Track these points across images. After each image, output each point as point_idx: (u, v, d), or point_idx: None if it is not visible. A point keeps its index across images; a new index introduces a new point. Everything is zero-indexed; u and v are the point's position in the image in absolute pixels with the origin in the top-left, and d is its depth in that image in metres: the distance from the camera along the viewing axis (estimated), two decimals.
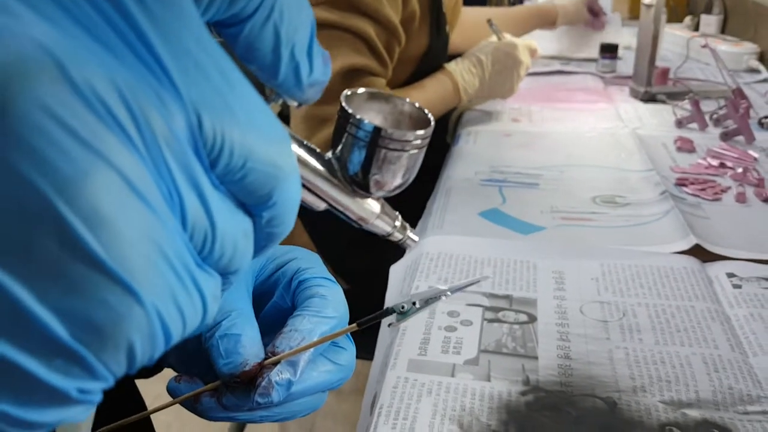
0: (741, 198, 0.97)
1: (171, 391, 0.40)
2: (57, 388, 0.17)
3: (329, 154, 0.31)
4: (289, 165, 0.21)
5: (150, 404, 0.53)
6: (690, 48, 1.73)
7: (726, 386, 0.60)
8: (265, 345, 0.39)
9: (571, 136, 1.27)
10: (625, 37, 2.02)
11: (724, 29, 1.99)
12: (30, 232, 0.16)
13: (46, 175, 0.15)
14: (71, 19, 0.16)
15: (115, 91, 0.16)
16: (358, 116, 0.30)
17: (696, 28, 2.04)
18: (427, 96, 1.28)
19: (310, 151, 0.30)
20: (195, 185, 0.18)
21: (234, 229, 0.20)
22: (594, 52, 1.78)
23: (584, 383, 0.60)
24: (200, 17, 0.19)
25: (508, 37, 1.36)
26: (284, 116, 1.34)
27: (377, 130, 0.30)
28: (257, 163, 0.20)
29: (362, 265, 1.26)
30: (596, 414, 0.57)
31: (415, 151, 0.31)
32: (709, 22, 1.98)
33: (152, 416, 0.54)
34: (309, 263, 0.42)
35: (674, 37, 1.89)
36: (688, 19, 2.11)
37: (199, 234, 0.19)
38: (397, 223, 0.35)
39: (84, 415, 0.18)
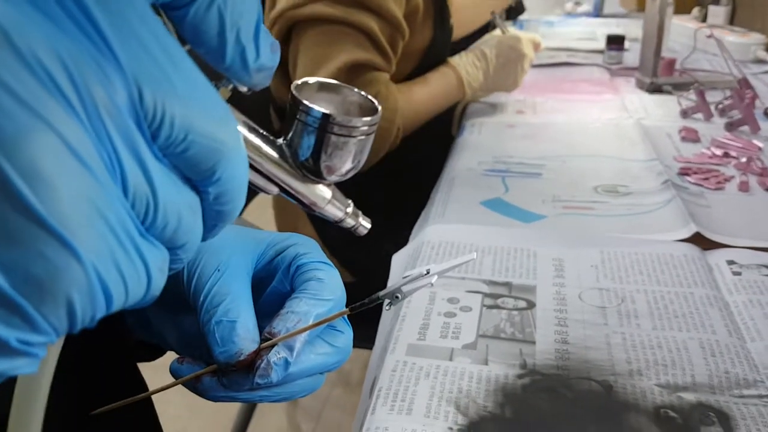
0: (744, 187, 0.98)
1: (173, 372, 0.40)
2: None
3: (281, 141, 0.32)
4: (232, 141, 0.21)
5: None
6: (697, 39, 1.72)
7: (722, 370, 0.60)
8: (265, 328, 0.39)
9: (575, 127, 1.27)
10: (633, 28, 2.02)
11: (732, 20, 1.98)
12: None
13: None
14: None
15: (58, 59, 0.17)
16: (307, 103, 0.31)
17: (704, 19, 2.03)
18: (431, 90, 1.28)
19: (261, 136, 0.31)
20: (136, 154, 0.19)
21: (178, 201, 0.21)
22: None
23: (581, 367, 0.61)
24: None
25: (511, 30, 1.37)
26: (238, 101, 1.36)
27: (326, 116, 0.31)
28: (198, 137, 0.20)
29: (367, 256, 1.27)
30: (592, 396, 0.57)
31: (363, 137, 0.32)
32: (717, 12, 1.98)
33: (160, 409, 0.55)
34: (307, 248, 0.43)
35: (682, 28, 1.89)
36: (696, 10, 2.11)
37: (140, 203, 0.20)
38: (349, 210, 0.36)
39: (29, 369, 0.19)
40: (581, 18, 2.40)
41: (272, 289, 0.43)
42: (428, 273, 0.38)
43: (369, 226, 0.38)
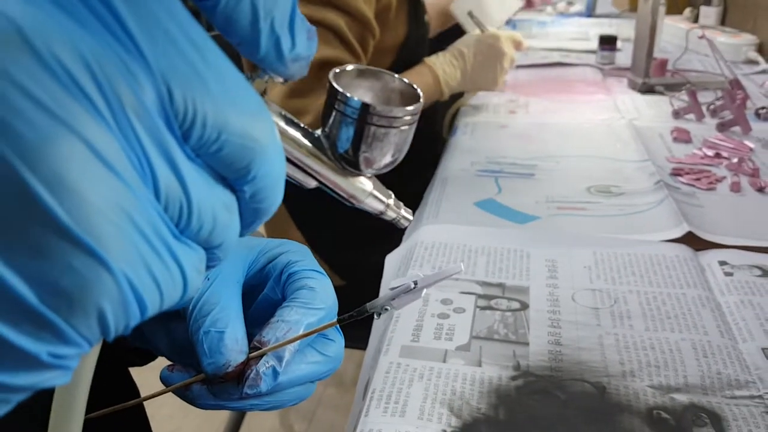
0: (735, 187, 0.98)
1: (164, 379, 0.40)
2: (27, 351, 0.17)
3: (318, 132, 0.31)
4: (267, 137, 0.21)
5: (144, 394, 0.54)
6: (689, 39, 1.73)
7: (714, 371, 0.61)
8: (256, 335, 0.39)
9: (568, 128, 1.28)
10: (625, 29, 2.03)
11: (723, 21, 1.99)
12: None
13: (8, 140, 0.16)
14: None
15: (80, 59, 0.17)
16: (346, 93, 0.29)
17: (696, 19, 2.04)
18: None
19: (299, 128, 0.30)
20: (167, 156, 0.18)
21: (212, 201, 0.20)
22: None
23: (574, 368, 0.61)
24: None
25: (490, 29, 1.37)
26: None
27: (365, 106, 0.29)
28: (232, 135, 0.20)
29: (356, 260, 1.26)
30: (585, 398, 0.57)
31: (405, 127, 0.30)
32: (709, 13, 1.98)
33: (154, 409, 0.55)
34: (299, 256, 0.42)
35: (674, 29, 1.90)
36: (687, 11, 2.11)
37: (173, 205, 0.19)
38: (390, 201, 0.35)
39: (62, 380, 0.18)
40: (574, 18, 2.40)
41: (264, 296, 0.42)
42: (416, 285, 0.37)
43: (411, 218, 0.37)
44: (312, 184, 0.31)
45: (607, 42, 1.72)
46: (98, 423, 0.39)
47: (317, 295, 0.40)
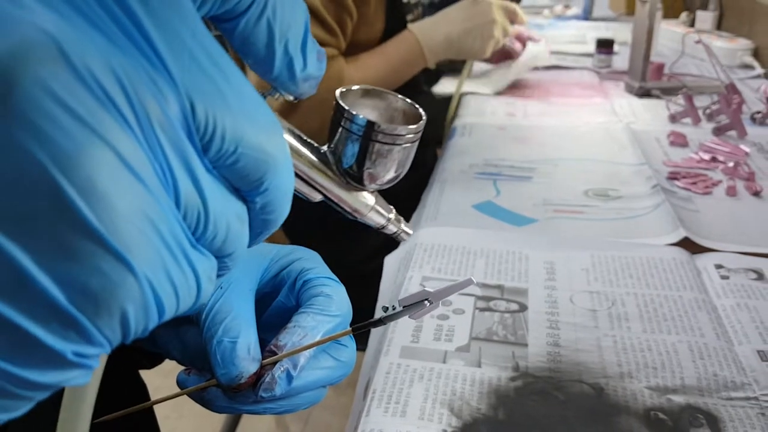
0: (731, 191, 0.99)
1: (180, 383, 0.41)
2: (54, 349, 0.18)
3: (325, 148, 0.32)
4: (280, 152, 0.22)
5: (152, 396, 0.54)
6: (685, 44, 1.74)
7: (711, 373, 0.61)
8: (270, 341, 0.40)
9: (566, 130, 1.28)
10: (622, 32, 2.04)
11: (719, 25, 2.00)
12: (30, 200, 0.17)
13: (46, 148, 0.17)
14: (73, 9, 0.18)
15: (113, 75, 0.18)
16: (352, 111, 0.31)
17: (692, 24, 2.05)
18: (389, 60, 1.26)
19: (306, 143, 0.31)
20: (188, 167, 0.20)
21: (227, 211, 0.21)
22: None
23: (572, 369, 0.62)
24: (196, 11, 0.20)
25: None
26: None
27: (370, 124, 0.30)
28: (248, 149, 0.21)
29: (339, 266, 1.26)
30: (583, 398, 0.58)
31: (408, 145, 0.32)
32: (705, 18, 1.99)
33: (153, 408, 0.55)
34: (312, 263, 0.43)
35: (670, 33, 1.91)
36: (684, 15, 2.13)
37: (192, 214, 0.20)
38: (391, 216, 0.36)
39: (83, 380, 0.19)
40: (571, 21, 2.41)
41: (277, 303, 0.43)
42: (430, 300, 0.38)
43: (411, 232, 0.38)
44: (317, 197, 0.33)
45: (604, 45, 1.73)
46: (109, 424, 0.39)
47: (333, 302, 0.41)
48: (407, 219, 1.04)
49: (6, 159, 0.16)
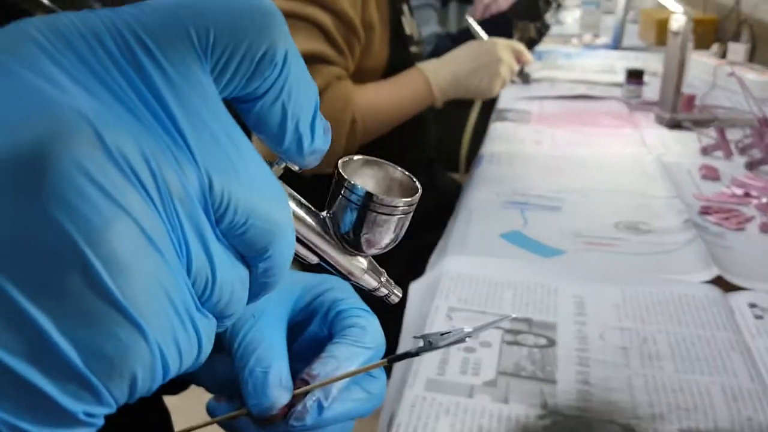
0: (765, 228, 0.97)
1: (210, 410, 0.41)
2: (68, 410, 0.19)
3: (324, 213, 0.33)
4: (285, 222, 0.23)
5: (174, 419, 0.54)
6: (717, 76, 1.73)
7: (745, 416, 0.60)
8: (302, 371, 0.40)
9: (595, 161, 1.27)
10: (651, 62, 2.02)
11: (751, 57, 1.98)
12: (57, 269, 0.18)
13: (76, 222, 0.18)
14: (107, 90, 0.19)
15: (140, 154, 0.19)
16: (352, 181, 0.32)
17: (723, 55, 2.04)
18: (397, 91, 1.29)
19: (307, 209, 0.33)
20: (201, 238, 0.21)
21: (232, 277, 0.23)
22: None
23: (603, 409, 0.60)
24: (218, 94, 0.22)
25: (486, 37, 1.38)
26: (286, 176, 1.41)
27: (368, 195, 0.32)
28: (257, 220, 0.22)
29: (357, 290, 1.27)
30: None
31: (402, 215, 0.33)
32: (737, 50, 1.98)
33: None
34: (345, 293, 0.43)
35: (701, 65, 1.89)
36: (715, 47, 2.11)
37: (201, 281, 0.21)
38: (383, 279, 0.37)
39: None
40: (600, 50, 2.40)
41: (309, 333, 0.43)
42: (470, 334, 0.38)
43: (400, 295, 0.39)
44: (314, 260, 0.34)
45: (634, 76, 1.72)
46: None
47: (367, 334, 0.40)
48: (426, 240, 1.04)
49: (37, 230, 0.18)
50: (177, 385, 0.49)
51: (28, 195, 0.18)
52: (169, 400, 0.57)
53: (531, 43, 2.09)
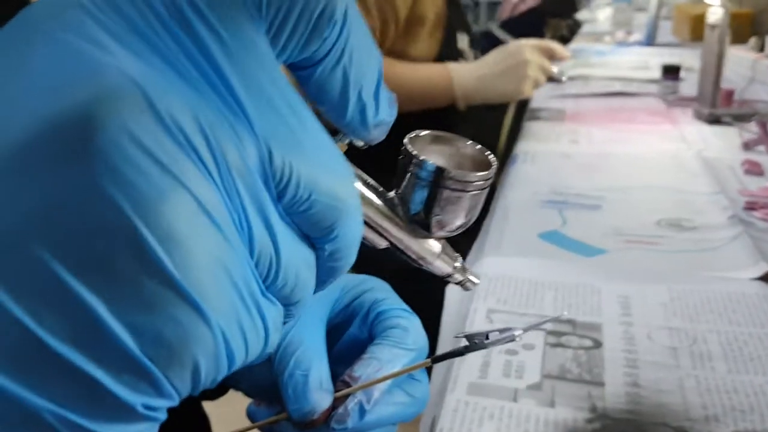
0: None
1: (250, 414, 0.40)
2: (124, 401, 0.17)
3: (392, 194, 0.31)
4: (352, 199, 0.22)
5: (213, 425, 0.53)
6: (756, 69, 1.69)
7: None
8: (342, 374, 0.38)
9: (633, 158, 1.24)
10: (686, 58, 1.99)
11: None
12: (109, 247, 0.16)
13: (126, 193, 0.16)
14: (157, 55, 0.18)
15: (195, 122, 0.18)
16: (421, 157, 0.30)
17: (761, 48, 1.99)
18: (417, 75, 1.30)
19: (374, 189, 0.31)
20: (263, 215, 0.19)
21: (297, 259, 0.21)
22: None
23: (654, 411, 0.58)
24: (275, 59, 0.20)
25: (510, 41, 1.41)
26: (352, 154, 1.42)
27: (439, 170, 0.30)
28: (321, 196, 0.20)
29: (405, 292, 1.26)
30: None
31: (477, 192, 0.31)
32: None
33: None
34: (384, 294, 0.42)
35: (738, 59, 1.85)
36: (753, 40, 2.06)
37: (264, 262, 0.20)
38: (458, 265, 0.35)
39: None
40: (633, 47, 2.37)
41: (350, 335, 0.41)
42: (521, 334, 0.36)
43: (478, 281, 0.37)
44: (383, 244, 0.32)
45: (671, 72, 1.68)
46: None
47: (409, 335, 0.39)
48: (460, 241, 1.03)
49: (83, 202, 0.16)
50: (215, 390, 0.48)
51: (74, 164, 0.16)
52: (207, 405, 0.56)
53: (563, 41, 2.06)
